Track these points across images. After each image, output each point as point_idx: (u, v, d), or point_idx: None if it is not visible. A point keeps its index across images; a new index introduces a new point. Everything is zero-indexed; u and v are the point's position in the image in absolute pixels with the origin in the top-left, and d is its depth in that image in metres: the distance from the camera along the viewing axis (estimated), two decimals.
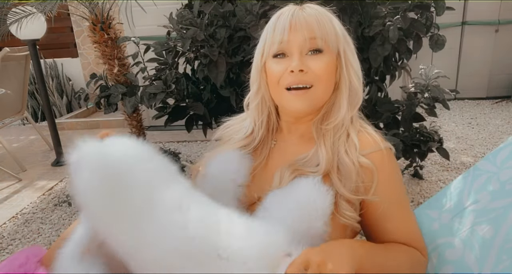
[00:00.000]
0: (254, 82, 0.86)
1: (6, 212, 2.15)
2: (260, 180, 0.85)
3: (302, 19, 0.75)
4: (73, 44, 4.62)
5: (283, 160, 0.84)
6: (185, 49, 1.64)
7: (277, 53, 0.78)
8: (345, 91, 0.80)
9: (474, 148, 2.64)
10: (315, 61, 0.76)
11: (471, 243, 0.84)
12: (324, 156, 0.78)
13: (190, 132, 1.89)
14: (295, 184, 0.76)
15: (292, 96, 0.77)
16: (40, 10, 1.78)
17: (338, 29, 0.78)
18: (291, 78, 0.76)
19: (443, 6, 1.62)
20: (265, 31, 0.81)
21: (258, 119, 0.88)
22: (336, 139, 0.80)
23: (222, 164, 0.87)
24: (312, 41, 0.75)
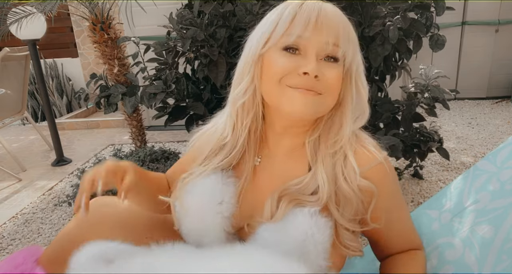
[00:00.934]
0: (244, 76, 0.74)
1: (6, 212, 2.15)
2: (248, 205, 0.78)
3: (329, 20, 0.66)
4: (73, 44, 4.62)
5: (271, 181, 0.76)
6: (185, 49, 1.64)
7: (290, 47, 0.67)
8: (349, 110, 0.72)
9: (474, 148, 2.64)
10: (331, 70, 0.67)
11: (471, 243, 0.84)
12: (325, 184, 0.69)
13: (190, 132, 1.88)
14: (291, 217, 0.68)
15: (298, 94, 0.66)
16: (40, 10, 1.77)
17: (357, 46, 0.71)
18: (301, 81, 0.66)
19: (443, 6, 1.62)
20: (276, 15, 0.69)
21: (240, 122, 0.76)
22: (334, 162, 0.72)
23: (204, 196, 0.77)
24: (334, 48, 0.67)
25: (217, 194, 0.76)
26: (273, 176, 0.77)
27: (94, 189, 0.73)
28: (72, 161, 2.95)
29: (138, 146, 2.27)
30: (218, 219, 0.75)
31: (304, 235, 0.66)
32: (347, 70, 0.70)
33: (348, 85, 0.71)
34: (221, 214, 0.75)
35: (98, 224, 0.93)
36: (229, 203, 0.76)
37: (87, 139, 3.60)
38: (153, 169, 1.84)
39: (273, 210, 0.71)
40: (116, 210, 0.95)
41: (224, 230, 0.76)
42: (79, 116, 4.27)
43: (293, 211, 0.69)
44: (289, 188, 0.72)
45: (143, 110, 2.37)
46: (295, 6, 0.68)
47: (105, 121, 3.94)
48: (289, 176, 0.74)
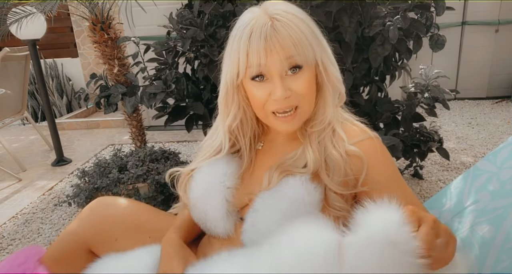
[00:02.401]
0: (229, 103, 0.83)
1: (6, 212, 2.15)
2: (250, 183, 0.86)
3: (276, 42, 0.72)
4: (73, 44, 4.62)
5: (271, 161, 0.84)
6: (185, 49, 1.64)
7: (256, 75, 0.75)
8: (328, 95, 0.80)
9: (474, 148, 2.64)
10: (297, 82, 0.75)
11: (471, 243, 0.84)
12: (312, 156, 0.79)
13: (190, 132, 1.89)
14: (283, 184, 0.77)
15: (280, 122, 0.77)
16: (40, 10, 1.77)
17: (312, 39, 0.75)
18: (277, 106, 0.76)
19: (443, 6, 1.61)
20: (235, 47, 0.76)
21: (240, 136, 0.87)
22: (321, 138, 0.81)
23: (211, 167, 0.87)
24: (290, 60, 0.73)
25: (222, 165, 0.86)
26: (272, 156, 0.86)
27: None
28: (72, 161, 2.95)
29: (138, 146, 2.27)
30: (220, 188, 0.84)
31: (295, 198, 0.74)
32: (316, 64, 0.77)
33: (321, 76, 0.79)
34: (223, 184, 0.84)
35: (101, 224, 0.94)
36: (231, 175, 0.85)
37: (87, 138, 3.60)
38: (153, 169, 1.84)
39: (270, 180, 0.80)
40: (119, 210, 0.97)
41: (225, 199, 0.83)
42: (79, 116, 4.27)
43: (286, 179, 0.78)
44: (285, 161, 0.81)
45: (143, 110, 2.37)
46: (246, 40, 0.74)
47: (105, 121, 3.94)
48: (286, 154, 0.83)
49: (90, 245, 0.94)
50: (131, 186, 1.79)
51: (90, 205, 1.00)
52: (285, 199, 0.75)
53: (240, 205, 0.85)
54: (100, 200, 1.00)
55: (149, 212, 1.01)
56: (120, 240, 0.93)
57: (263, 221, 0.76)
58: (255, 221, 0.77)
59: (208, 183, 0.85)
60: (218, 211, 0.83)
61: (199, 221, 0.88)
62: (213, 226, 0.85)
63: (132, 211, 0.98)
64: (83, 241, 0.94)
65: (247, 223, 0.79)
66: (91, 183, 1.79)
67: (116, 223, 0.95)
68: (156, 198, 1.81)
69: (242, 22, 0.77)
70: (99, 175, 1.82)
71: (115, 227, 0.94)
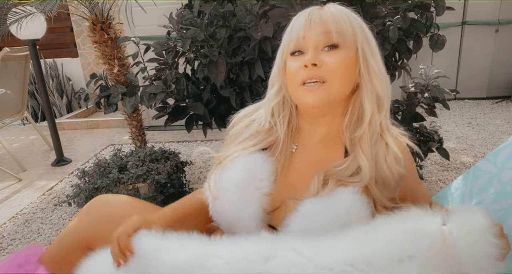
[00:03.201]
0: (275, 82, 0.86)
1: (6, 212, 2.15)
2: (284, 185, 0.84)
3: (317, 17, 0.76)
4: (73, 44, 4.62)
5: (308, 166, 0.83)
6: (185, 49, 1.64)
7: (294, 51, 0.79)
8: (366, 92, 0.79)
9: (474, 148, 2.64)
10: (330, 57, 0.76)
11: None
12: (366, 165, 0.77)
13: (190, 132, 1.89)
14: (336, 194, 0.75)
15: (305, 91, 0.77)
16: (40, 10, 1.77)
17: (357, 26, 0.78)
18: (305, 73, 0.76)
19: (443, 6, 1.62)
20: (286, 31, 0.82)
21: (278, 115, 0.86)
22: (373, 146, 0.80)
23: (246, 172, 0.83)
24: (327, 35, 0.75)
25: (258, 171, 0.83)
26: (310, 161, 0.85)
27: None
28: (72, 161, 2.95)
29: (138, 146, 2.27)
30: (257, 195, 0.81)
31: (348, 210, 0.73)
32: (356, 52, 0.78)
33: (360, 67, 0.78)
34: (261, 191, 0.81)
35: (101, 223, 0.94)
36: (268, 180, 0.83)
37: (87, 138, 3.60)
38: (153, 169, 1.84)
39: (318, 187, 0.77)
40: (120, 208, 0.96)
41: (262, 208, 0.81)
42: (79, 116, 4.27)
43: (337, 189, 0.76)
44: (331, 169, 0.79)
45: (143, 110, 2.37)
46: (294, 20, 0.81)
47: (105, 121, 3.94)
48: (325, 160, 0.82)
49: (90, 244, 0.93)
50: (131, 186, 1.79)
51: (90, 203, 0.99)
52: (339, 208, 0.73)
53: (272, 208, 0.83)
54: (100, 198, 0.99)
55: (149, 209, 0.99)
56: None
57: (313, 228, 0.72)
58: (303, 227, 0.74)
59: (243, 189, 0.81)
60: (254, 219, 0.80)
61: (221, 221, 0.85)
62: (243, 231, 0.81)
63: (132, 209, 0.96)
64: (83, 240, 0.93)
65: (290, 228, 0.75)
66: (91, 183, 1.79)
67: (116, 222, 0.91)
68: (156, 198, 1.81)
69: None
70: (99, 175, 1.82)
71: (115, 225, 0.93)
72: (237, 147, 0.88)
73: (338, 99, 0.80)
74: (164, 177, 1.80)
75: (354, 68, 0.78)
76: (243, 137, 0.90)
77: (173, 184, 1.94)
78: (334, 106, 0.81)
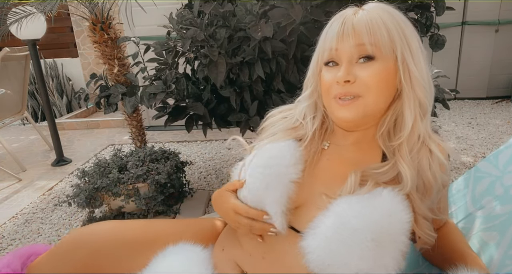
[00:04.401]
0: (308, 85, 0.83)
1: (6, 212, 2.15)
2: (312, 180, 0.78)
3: (350, 26, 0.71)
4: (73, 44, 4.62)
5: (341, 164, 0.79)
6: (185, 49, 1.64)
7: (328, 61, 0.75)
8: (408, 101, 0.73)
9: (474, 148, 2.64)
10: (365, 70, 0.70)
11: (476, 249, 0.84)
12: (408, 173, 0.72)
13: (190, 132, 1.89)
14: (376, 194, 0.69)
15: (338, 105, 0.73)
16: (40, 10, 1.77)
17: (395, 32, 0.71)
18: (338, 89, 0.72)
19: (443, 6, 1.62)
20: (321, 36, 0.78)
21: (309, 114, 0.84)
22: (415, 154, 0.74)
23: (274, 153, 0.79)
24: (360, 47, 0.70)
25: (285, 156, 0.78)
26: (343, 159, 0.80)
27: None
28: (72, 161, 2.95)
29: (138, 146, 2.27)
30: (283, 180, 0.76)
31: (389, 211, 0.67)
32: (395, 60, 0.72)
33: (401, 77, 0.72)
34: (288, 176, 0.76)
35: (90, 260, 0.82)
36: (295, 167, 0.77)
37: (87, 139, 3.60)
38: (153, 169, 1.84)
39: (355, 186, 0.71)
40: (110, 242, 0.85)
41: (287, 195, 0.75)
42: (79, 116, 4.27)
43: (377, 189, 0.70)
44: (368, 170, 0.74)
45: (143, 110, 2.37)
46: (328, 26, 0.76)
47: (105, 121, 3.94)
48: (360, 162, 0.77)
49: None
50: (131, 186, 1.79)
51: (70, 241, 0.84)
52: (378, 210, 0.67)
53: (296, 204, 0.76)
54: (81, 232, 0.86)
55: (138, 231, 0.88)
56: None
57: (346, 232, 0.65)
58: (334, 230, 0.66)
59: (270, 172, 0.76)
60: (278, 204, 0.74)
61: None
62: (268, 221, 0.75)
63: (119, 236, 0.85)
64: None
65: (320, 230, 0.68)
66: (91, 183, 1.79)
67: (105, 256, 0.82)
68: (156, 198, 1.81)
69: None
70: (99, 175, 1.82)
71: (104, 263, 0.82)
72: (267, 137, 0.87)
73: (374, 113, 0.75)
74: (164, 177, 1.80)
75: (394, 78, 0.72)
76: (274, 130, 0.87)
77: (173, 184, 1.94)
78: (369, 119, 0.76)
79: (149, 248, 0.84)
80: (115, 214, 1.87)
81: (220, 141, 3.17)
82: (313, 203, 0.74)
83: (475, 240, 0.85)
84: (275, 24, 1.48)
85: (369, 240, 0.63)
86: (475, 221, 0.88)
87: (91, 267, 0.81)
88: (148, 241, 0.85)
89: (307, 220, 0.71)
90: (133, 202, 1.81)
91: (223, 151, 2.92)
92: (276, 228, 0.74)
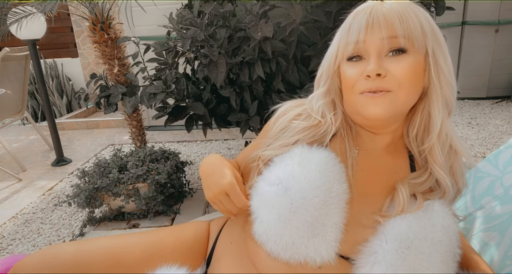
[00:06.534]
0: (321, 83, 0.75)
1: (6, 212, 2.15)
2: (352, 196, 0.69)
3: (381, 16, 0.64)
4: (73, 44, 4.62)
5: (375, 173, 0.71)
6: (185, 49, 1.64)
7: (352, 56, 0.67)
8: (436, 99, 0.68)
9: (474, 148, 2.64)
10: (397, 64, 0.64)
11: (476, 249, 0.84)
12: (446, 179, 0.68)
13: (190, 132, 1.89)
14: (430, 210, 0.64)
15: (368, 100, 0.65)
16: (40, 10, 1.77)
17: (426, 25, 0.66)
18: (367, 84, 0.64)
19: (443, 6, 1.61)
20: (340, 30, 0.71)
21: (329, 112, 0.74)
22: (446, 157, 0.70)
23: (320, 168, 0.67)
24: (393, 40, 0.64)
25: (333, 170, 0.67)
26: (376, 168, 0.72)
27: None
28: (72, 161, 2.95)
29: (138, 146, 2.27)
30: (341, 203, 0.65)
31: (444, 225, 0.63)
32: (425, 55, 0.67)
33: (430, 71, 0.67)
34: (344, 196, 0.66)
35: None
36: (345, 185, 0.67)
37: (87, 139, 3.60)
38: (153, 169, 1.84)
39: (407, 202, 0.65)
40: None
41: (344, 221, 0.65)
42: (79, 116, 4.27)
43: (427, 203, 0.66)
44: (408, 182, 0.69)
45: (143, 110, 2.37)
46: (351, 15, 0.69)
47: (105, 121, 3.94)
48: (394, 168, 0.72)
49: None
50: (131, 186, 1.79)
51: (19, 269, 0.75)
52: (438, 227, 0.61)
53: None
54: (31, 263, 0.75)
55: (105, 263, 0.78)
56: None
57: (413, 252, 0.59)
58: (401, 251, 0.59)
59: (318, 197, 0.63)
60: (334, 238, 0.64)
61: (272, 242, 0.66)
62: (308, 260, 0.64)
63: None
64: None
65: (377, 258, 0.60)
66: (91, 183, 1.79)
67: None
68: (156, 198, 1.81)
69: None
70: (99, 175, 1.82)
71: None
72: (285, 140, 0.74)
73: (403, 112, 0.69)
74: (164, 177, 1.80)
75: (423, 75, 0.67)
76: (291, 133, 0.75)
77: (173, 184, 1.94)
78: (398, 118, 0.70)
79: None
80: (115, 214, 1.88)
81: (220, 141, 3.17)
82: (358, 223, 0.66)
83: (475, 240, 0.85)
84: (275, 24, 1.48)
85: (440, 262, 0.59)
86: (475, 221, 0.88)
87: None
88: (112, 266, 0.77)
89: (354, 243, 0.64)
90: (133, 202, 1.81)
91: (223, 151, 2.92)
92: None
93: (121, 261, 0.78)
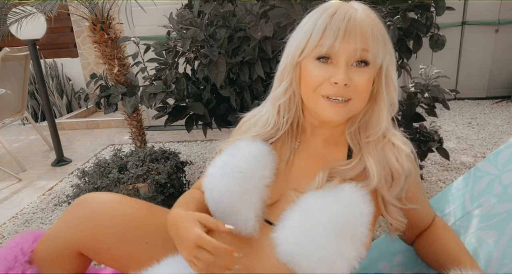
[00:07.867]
0: (284, 78, 0.80)
1: (6, 212, 2.15)
2: (285, 179, 0.82)
3: (358, 26, 0.70)
4: (73, 44, 4.62)
5: (310, 162, 0.82)
6: (185, 49, 1.64)
7: (322, 56, 0.73)
8: (383, 104, 0.78)
9: (474, 148, 2.64)
10: (359, 75, 0.72)
11: (474, 248, 0.84)
12: (374, 168, 0.76)
13: (190, 132, 1.89)
14: (340, 189, 0.73)
15: (329, 106, 0.73)
16: (40, 10, 1.77)
17: (387, 40, 0.75)
18: (332, 90, 0.72)
19: (443, 6, 1.62)
20: (310, 24, 0.74)
21: (283, 116, 0.83)
22: (379, 150, 0.78)
23: (250, 158, 0.80)
24: (363, 53, 0.71)
25: (262, 159, 0.81)
26: (312, 156, 0.83)
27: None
28: (72, 161, 2.95)
29: (138, 146, 2.27)
30: (259, 185, 0.78)
31: (349, 203, 0.71)
32: (379, 68, 0.75)
33: (380, 82, 0.76)
34: (263, 181, 0.79)
35: (91, 230, 0.88)
36: (270, 171, 0.80)
37: (87, 139, 3.60)
38: (153, 169, 1.84)
39: (322, 182, 0.76)
40: (110, 212, 0.90)
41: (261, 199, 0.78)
42: (79, 116, 4.27)
43: (342, 184, 0.75)
44: (336, 167, 0.78)
45: (143, 110, 2.37)
46: (326, 17, 0.72)
47: (105, 121, 3.94)
48: (328, 157, 0.82)
49: (80, 249, 0.89)
50: (131, 186, 1.79)
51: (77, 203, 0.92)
52: (340, 203, 0.70)
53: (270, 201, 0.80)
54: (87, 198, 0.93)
55: (143, 211, 0.93)
56: (113, 248, 0.87)
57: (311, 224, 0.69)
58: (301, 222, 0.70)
59: (247, 176, 0.77)
60: (252, 209, 0.76)
61: (216, 211, 0.80)
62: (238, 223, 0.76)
63: (124, 211, 0.90)
64: (72, 245, 0.88)
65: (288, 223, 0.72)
66: (91, 183, 1.79)
67: (107, 227, 0.87)
68: (156, 198, 1.81)
69: (322, 6, 0.75)
70: (99, 175, 1.82)
71: (106, 233, 0.87)
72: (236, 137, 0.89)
73: (354, 114, 0.79)
74: (164, 177, 1.80)
75: (373, 83, 0.76)
76: (247, 131, 0.89)
77: (173, 184, 1.94)
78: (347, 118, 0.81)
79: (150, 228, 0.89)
80: None
81: (220, 141, 3.17)
82: (285, 199, 0.79)
83: (473, 238, 0.85)
84: (275, 24, 1.48)
85: (330, 232, 0.67)
86: (472, 220, 0.88)
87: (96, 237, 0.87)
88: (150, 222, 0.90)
89: (279, 213, 0.75)
90: None
91: None
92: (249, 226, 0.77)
93: (153, 208, 0.94)
